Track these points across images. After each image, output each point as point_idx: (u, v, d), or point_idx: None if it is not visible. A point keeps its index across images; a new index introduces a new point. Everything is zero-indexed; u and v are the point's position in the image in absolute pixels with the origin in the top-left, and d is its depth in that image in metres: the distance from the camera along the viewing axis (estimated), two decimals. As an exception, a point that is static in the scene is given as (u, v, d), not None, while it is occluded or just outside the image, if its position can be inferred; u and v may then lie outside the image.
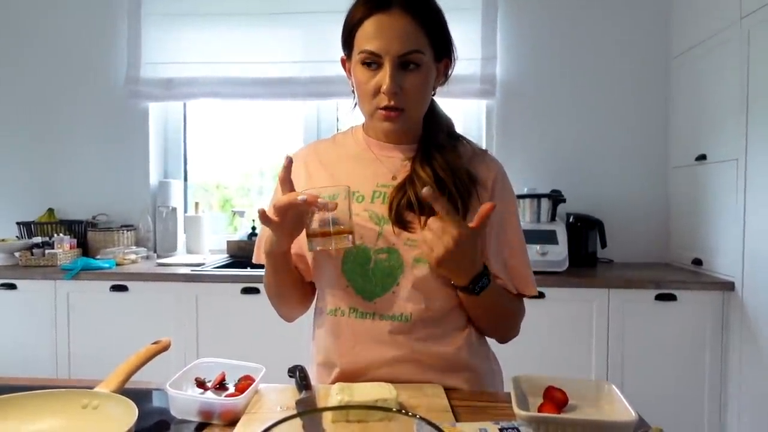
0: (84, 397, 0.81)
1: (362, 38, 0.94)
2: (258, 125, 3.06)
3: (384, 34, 0.92)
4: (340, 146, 1.10)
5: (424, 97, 0.99)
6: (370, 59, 0.94)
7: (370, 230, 0.99)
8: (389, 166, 1.04)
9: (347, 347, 1.01)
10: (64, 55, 2.88)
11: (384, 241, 0.98)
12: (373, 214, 1.00)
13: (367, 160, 1.06)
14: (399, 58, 0.93)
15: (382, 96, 0.95)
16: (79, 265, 2.36)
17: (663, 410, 2.11)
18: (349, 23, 0.97)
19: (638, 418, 0.75)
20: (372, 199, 1.01)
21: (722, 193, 2.17)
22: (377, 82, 0.94)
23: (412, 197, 0.98)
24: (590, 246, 2.51)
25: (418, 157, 1.02)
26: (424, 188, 0.88)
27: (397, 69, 0.93)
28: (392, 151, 1.05)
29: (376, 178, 1.03)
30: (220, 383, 0.92)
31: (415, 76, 0.95)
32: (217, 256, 2.78)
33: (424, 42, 0.94)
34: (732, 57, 2.08)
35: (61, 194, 2.90)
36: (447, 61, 1.03)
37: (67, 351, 2.36)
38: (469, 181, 1.00)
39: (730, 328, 2.10)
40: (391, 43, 0.92)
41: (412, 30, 0.93)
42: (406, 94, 0.95)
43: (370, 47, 0.93)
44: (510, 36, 2.70)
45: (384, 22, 0.92)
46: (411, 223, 0.98)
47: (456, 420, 0.84)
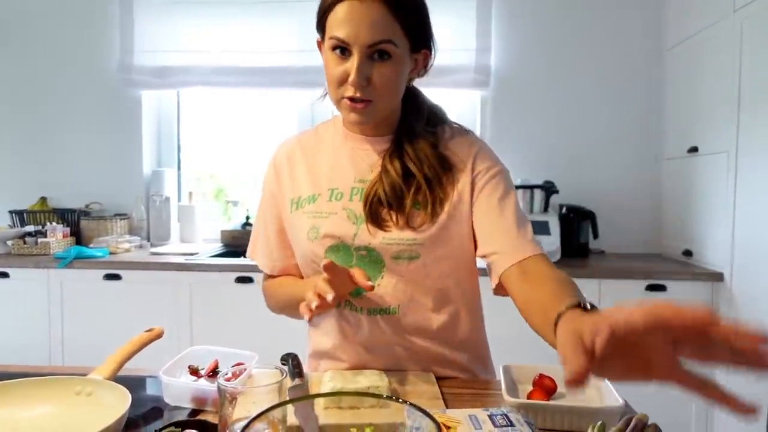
0: (77, 384, 0.82)
1: (333, 23, 0.89)
2: (252, 114, 3.05)
3: (354, 21, 0.87)
4: (321, 138, 1.09)
5: (395, 89, 0.95)
6: (339, 46, 0.89)
7: (347, 229, 0.98)
8: (367, 160, 1.02)
9: (340, 339, 1.03)
10: (57, 43, 2.85)
11: (360, 239, 0.97)
12: (350, 213, 0.99)
13: (345, 154, 1.04)
14: (368, 48, 0.88)
15: (348, 86, 0.91)
16: (72, 253, 2.35)
17: (652, 399, 2.13)
18: (322, 5, 0.93)
19: (624, 405, 0.77)
20: (350, 196, 1.00)
21: (713, 185, 2.19)
22: (345, 70, 0.90)
23: (381, 194, 0.96)
24: (582, 237, 2.53)
25: (389, 150, 1.00)
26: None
27: (365, 59, 0.89)
28: (369, 144, 1.03)
29: (355, 173, 1.01)
30: (213, 371, 0.92)
31: (384, 67, 0.90)
32: (211, 246, 2.77)
33: (398, 32, 0.89)
34: (724, 50, 2.09)
35: (54, 183, 2.89)
36: (426, 53, 0.99)
37: (60, 339, 2.36)
38: (441, 168, 0.98)
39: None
40: (361, 32, 0.87)
41: (384, 18, 0.87)
42: (374, 86, 0.90)
43: (339, 34, 0.88)
44: (504, 27, 2.70)
45: (355, 9, 0.87)
46: (385, 221, 0.96)
47: (446, 407, 0.85)
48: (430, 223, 0.96)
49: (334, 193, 1.01)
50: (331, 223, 0.98)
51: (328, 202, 1.00)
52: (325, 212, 1.00)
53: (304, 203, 1.03)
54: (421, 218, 0.95)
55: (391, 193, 0.96)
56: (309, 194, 1.03)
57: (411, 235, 0.95)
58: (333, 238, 0.98)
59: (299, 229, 1.02)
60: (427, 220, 0.95)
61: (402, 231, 0.96)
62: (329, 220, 0.99)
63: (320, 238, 0.99)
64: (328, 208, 1.00)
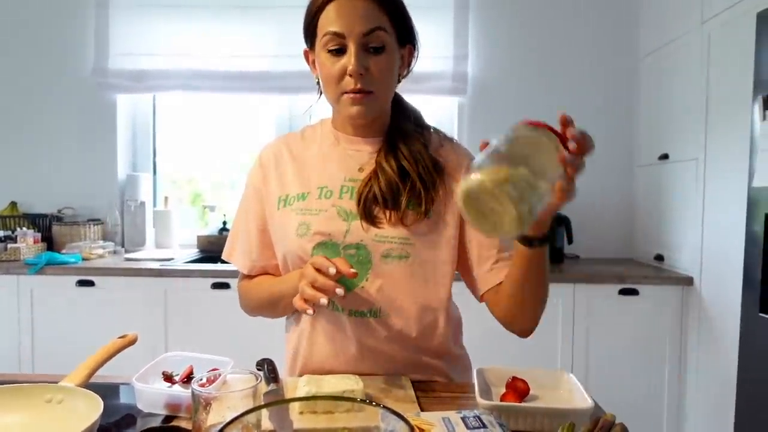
0: (48, 391, 0.80)
1: (325, 22, 0.94)
2: (230, 119, 3.03)
3: (346, 16, 0.92)
4: (308, 140, 1.10)
5: (391, 79, 0.98)
6: (335, 42, 0.93)
7: (338, 226, 0.99)
8: (357, 160, 1.04)
9: (319, 340, 1.03)
10: (29, 45, 2.80)
11: (352, 236, 0.98)
12: (341, 210, 1.00)
13: (335, 155, 1.05)
14: (363, 36, 0.93)
15: (348, 79, 0.94)
16: (44, 259, 2.30)
17: (625, 399, 2.18)
18: (310, 10, 0.97)
19: (594, 405, 0.79)
20: (340, 194, 1.01)
21: (683, 191, 2.25)
22: (342, 65, 0.94)
23: (377, 191, 0.98)
24: (557, 242, 2.57)
25: (383, 149, 1.02)
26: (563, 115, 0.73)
27: (361, 50, 0.93)
28: (360, 145, 1.05)
29: (344, 172, 1.03)
30: (188, 377, 0.92)
31: (380, 58, 0.94)
32: (187, 251, 2.75)
33: (387, 23, 0.95)
34: (693, 60, 2.15)
35: (25, 187, 2.82)
36: (410, 48, 1.03)
37: (30, 347, 2.31)
38: (434, 170, 1.01)
39: (688, 321, 2.18)
40: (354, 23, 0.92)
41: (373, 10, 0.93)
42: (372, 76, 0.94)
43: (333, 28, 0.93)
44: (481, 34, 2.74)
45: (345, 5, 0.93)
46: (379, 218, 0.98)
47: (421, 410, 0.86)
48: (423, 223, 0.98)
49: (323, 191, 1.02)
50: (322, 220, 0.99)
51: (318, 200, 1.01)
52: (315, 209, 1.01)
53: (293, 200, 1.03)
54: (415, 217, 0.97)
55: (387, 191, 0.98)
56: (298, 192, 1.04)
57: (404, 233, 0.97)
58: (323, 235, 0.99)
59: (287, 225, 1.02)
60: (420, 219, 0.98)
61: (395, 228, 0.97)
62: (319, 217, 1.00)
63: (310, 234, 0.99)
64: (318, 205, 1.01)
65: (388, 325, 1.00)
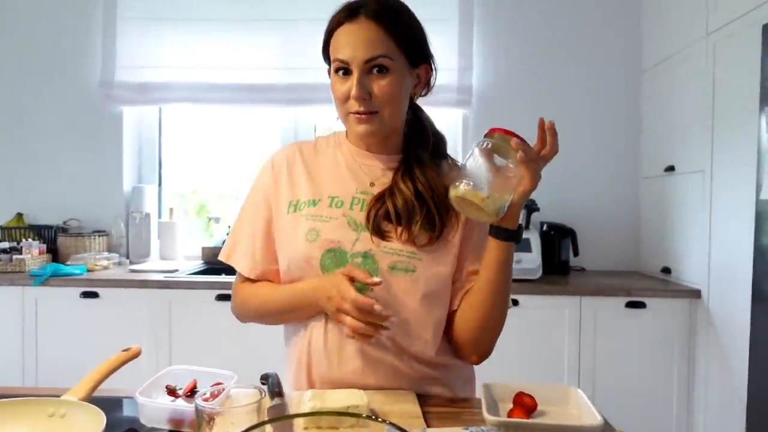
0: (51, 405, 0.80)
1: (334, 48, 0.99)
2: (235, 131, 3.05)
3: (351, 42, 0.96)
4: (321, 152, 1.11)
5: (396, 100, 0.99)
6: (341, 67, 0.97)
7: (347, 234, 1.00)
8: (369, 174, 1.06)
9: (325, 351, 1.02)
10: (37, 57, 2.83)
11: (361, 245, 0.99)
12: (351, 220, 1.01)
13: (347, 168, 1.07)
14: (365, 63, 0.95)
15: (352, 102, 0.97)
16: (49, 271, 2.30)
17: (633, 414, 2.15)
18: (326, 35, 1.02)
19: (603, 422, 0.77)
20: (351, 205, 1.03)
21: (689, 203, 2.24)
22: (348, 87, 0.97)
23: (391, 208, 0.99)
24: (563, 254, 2.56)
25: (400, 170, 1.04)
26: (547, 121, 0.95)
27: (364, 75, 0.96)
28: (372, 160, 1.07)
29: (356, 184, 1.05)
30: (192, 391, 0.91)
31: (383, 80, 0.96)
32: (192, 263, 2.74)
33: (393, 48, 0.97)
34: (698, 72, 2.15)
35: (31, 199, 2.84)
36: (427, 68, 1.06)
37: (34, 359, 2.30)
38: (447, 198, 1.00)
39: (696, 335, 2.16)
40: (357, 50, 0.95)
41: (378, 37, 0.95)
42: (376, 98, 0.97)
43: (339, 55, 0.97)
44: (486, 47, 2.75)
45: (351, 31, 0.96)
46: (388, 232, 1.00)
47: (427, 426, 0.84)
48: (433, 243, 0.99)
49: (334, 200, 1.04)
50: (332, 227, 1.01)
51: (329, 208, 1.03)
52: (326, 216, 1.02)
53: (303, 206, 1.04)
54: (426, 238, 0.99)
55: (404, 209, 0.99)
56: (308, 198, 1.05)
57: (412, 248, 0.99)
58: (332, 242, 1.00)
59: (296, 229, 1.03)
60: (432, 242, 0.99)
61: (404, 244, 0.99)
62: (329, 224, 1.01)
63: (320, 240, 1.00)
64: (329, 213, 1.02)
65: (393, 339, 0.99)
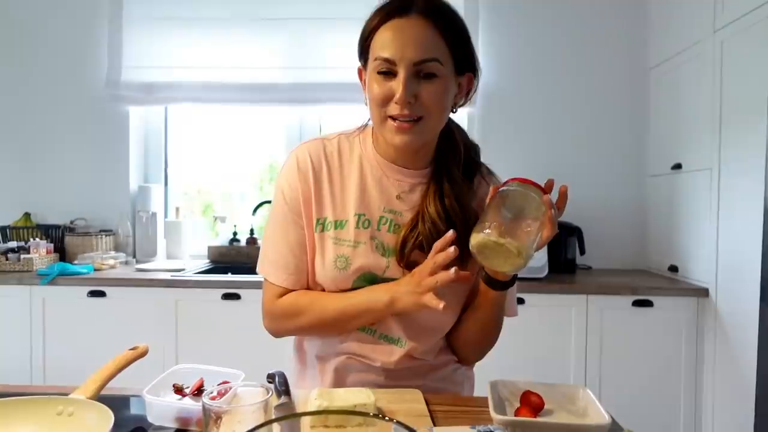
0: (59, 403, 0.80)
1: (377, 45, 0.89)
2: (240, 130, 3.05)
3: (400, 40, 0.87)
4: (345, 158, 1.03)
5: (442, 107, 0.92)
6: (385, 67, 0.88)
7: (377, 261, 0.98)
8: (397, 187, 1.00)
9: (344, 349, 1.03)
10: (44, 58, 2.84)
11: (390, 272, 0.98)
12: (379, 243, 0.98)
13: (373, 178, 1.01)
14: (414, 65, 0.87)
15: (393, 105, 0.89)
16: (56, 270, 2.32)
17: (640, 412, 2.14)
18: (365, 30, 0.92)
19: (611, 421, 0.77)
20: (378, 225, 0.99)
21: (697, 201, 2.22)
22: (390, 88, 0.88)
23: (423, 241, 0.95)
24: (569, 253, 2.54)
25: (429, 192, 0.97)
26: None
27: (411, 77, 0.87)
28: (401, 174, 1.00)
29: (383, 200, 1.00)
30: (198, 389, 0.91)
31: (431, 85, 0.89)
32: (198, 262, 2.75)
33: (444, 51, 0.89)
34: (706, 69, 2.13)
35: (39, 198, 2.85)
36: (470, 76, 0.97)
37: (42, 358, 2.32)
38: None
39: (704, 334, 2.14)
40: (406, 49, 0.86)
41: (430, 37, 0.87)
42: (423, 102, 0.89)
43: (384, 54, 0.87)
44: (491, 46, 2.74)
45: (401, 27, 0.87)
46: (418, 263, 0.94)
47: (434, 424, 0.84)
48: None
49: (361, 219, 0.99)
50: (361, 253, 0.98)
51: (356, 230, 0.98)
52: (353, 241, 0.98)
53: (330, 227, 1.00)
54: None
55: (433, 238, 0.93)
56: (334, 219, 1.00)
57: None
58: (362, 269, 0.98)
59: (323, 253, 1.00)
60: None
61: None
62: (358, 250, 0.98)
63: (350, 270, 0.98)
64: (356, 236, 0.98)
65: (409, 353, 1.01)
